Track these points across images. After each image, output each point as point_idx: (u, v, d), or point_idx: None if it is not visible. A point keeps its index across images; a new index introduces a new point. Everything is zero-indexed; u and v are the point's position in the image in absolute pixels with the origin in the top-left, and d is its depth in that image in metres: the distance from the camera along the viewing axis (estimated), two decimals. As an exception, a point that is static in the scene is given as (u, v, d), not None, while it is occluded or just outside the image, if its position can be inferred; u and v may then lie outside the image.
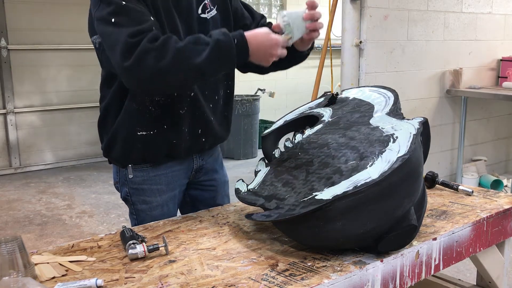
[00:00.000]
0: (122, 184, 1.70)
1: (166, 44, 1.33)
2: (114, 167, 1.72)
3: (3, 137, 5.35)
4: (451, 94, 4.17)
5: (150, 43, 1.33)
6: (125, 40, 1.33)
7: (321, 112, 1.77)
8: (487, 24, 4.36)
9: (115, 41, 1.36)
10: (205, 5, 1.61)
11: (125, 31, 1.34)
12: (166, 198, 1.70)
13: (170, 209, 1.72)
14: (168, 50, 1.33)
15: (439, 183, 1.90)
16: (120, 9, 1.37)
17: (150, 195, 1.68)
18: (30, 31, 5.34)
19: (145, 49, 1.32)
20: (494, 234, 1.64)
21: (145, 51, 1.32)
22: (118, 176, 1.71)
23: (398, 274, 1.34)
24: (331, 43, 3.60)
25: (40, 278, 1.22)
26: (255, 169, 1.67)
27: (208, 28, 1.59)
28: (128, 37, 1.33)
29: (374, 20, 3.52)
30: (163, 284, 1.18)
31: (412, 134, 1.38)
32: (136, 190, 1.68)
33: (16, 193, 4.71)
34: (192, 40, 1.37)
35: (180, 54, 1.33)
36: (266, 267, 1.26)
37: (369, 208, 1.23)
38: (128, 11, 1.37)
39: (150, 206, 1.68)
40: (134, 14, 1.38)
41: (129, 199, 1.70)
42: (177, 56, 1.33)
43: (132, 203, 1.70)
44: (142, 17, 1.38)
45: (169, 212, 1.72)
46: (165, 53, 1.33)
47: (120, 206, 4.28)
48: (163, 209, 1.70)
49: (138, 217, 1.71)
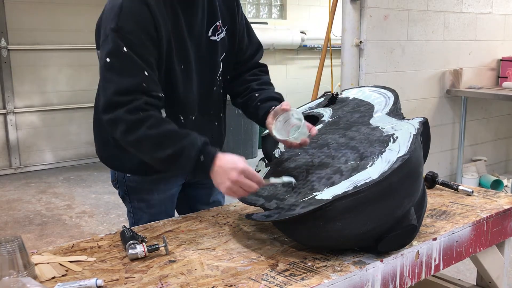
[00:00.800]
0: (120, 183, 1.70)
1: (139, 124, 1.35)
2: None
3: (3, 137, 5.35)
4: (451, 94, 4.17)
5: (128, 113, 1.34)
6: (109, 97, 1.36)
7: (321, 112, 1.77)
8: (487, 24, 4.36)
9: (104, 88, 1.39)
10: (216, 27, 1.59)
11: (113, 85, 1.36)
12: (164, 196, 1.70)
13: (167, 208, 1.72)
14: (138, 131, 1.35)
15: (439, 183, 1.90)
16: (119, 54, 1.36)
17: (147, 193, 1.68)
18: (30, 31, 5.34)
19: (120, 119, 1.35)
20: (494, 234, 1.64)
21: (120, 120, 1.35)
22: (115, 174, 1.71)
23: (398, 274, 1.34)
24: (331, 43, 3.60)
25: (40, 278, 1.22)
26: (255, 169, 1.67)
27: (217, 49, 1.59)
28: (113, 94, 1.36)
29: (374, 20, 3.52)
30: (163, 284, 1.18)
31: (412, 134, 1.38)
32: (133, 189, 1.68)
33: (16, 193, 4.71)
34: (165, 132, 1.36)
35: (145, 140, 1.36)
36: (266, 267, 1.26)
37: (369, 208, 1.23)
38: (125, 59, 1.37)
39: (148, 204, 1.68)
40: (130, 65, 1.37)
41: (127, 197, 1.70)
42: (141, 141, 1.36)
43: (129, 201, 1.70)
44: (137, 70, 1.37)
45: (167, 211, 1.72)
46: (134, 132, 1.35)
47: (120, 206, 4.28)
48: (160, 208, 1.70)
49: (135, 216, 1.71)
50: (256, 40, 1.77)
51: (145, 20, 1.39)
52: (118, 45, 1.36)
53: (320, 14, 7.08)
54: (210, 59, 1.60)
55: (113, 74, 1.37)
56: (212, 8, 1.58)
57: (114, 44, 1.36)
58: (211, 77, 1.62)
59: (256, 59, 1.77)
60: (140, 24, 1.38)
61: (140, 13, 1.38)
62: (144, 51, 1.39)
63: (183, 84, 1.53)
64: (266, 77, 1.75)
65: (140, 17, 1.38)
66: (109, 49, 1.36)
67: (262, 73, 1.75)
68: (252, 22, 4.75)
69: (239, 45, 1.69)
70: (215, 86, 1.64)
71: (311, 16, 7.20)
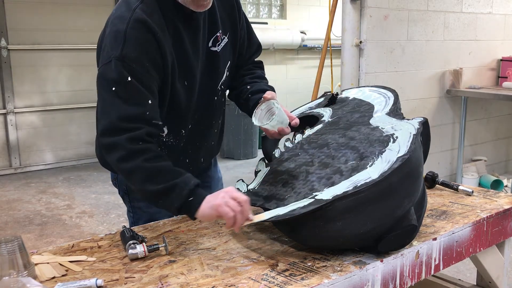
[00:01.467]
0: (120, 182, 1.71)
1: (137, 155, 1.34)
2: None
3: (3, 137, 5.35)
4: (451, 94, 4.17)
5: (128, 141, 1.34)
6: (112, 121, 1.36)
7: (321, 112, 1.77)
8: (487, 24, 4.36)
9: (105, 112, 1.38)
10: (216, 37, 1.58)
11: (117, 111, 1.36)
12: None
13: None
14: (134, 161, 1.34)
15: (439, 183, 1.90)
16: (124, 83, 1.36)
17: None
18: (30, 31, 5.34)
19: (120, 145, 1.34)
20: (494, 234, 1.64)
21: (119, 147, 1.34)
22: (116, 174, 1.71)
23: (398, 274, 1.34)
24: (331, 43, 3.60)
25: (40, 278, 1.22)
26: (255, 169, 1.67)
27: (218, 60, 1.60)
28: (117, 120, 1.35)
29: (374, 20, 3.52)
30: (163, 284, 1.18)
31: (412, 134, 1.38)
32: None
33: (16, 193, 4.71)
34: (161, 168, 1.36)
35: (139, 171, 1.35)
36: (266, 267, 1.26)
37: (369, 208, 1.23)
38: (131, 88, 1.36)
39: (147, 203, 1.67)
40: (135, 94, 1.37)
41: (127, 196, 1.70)
42: (136, 171, 1.35)
43: (129, 200, 1.70)
44: (141, 99, 1.38)
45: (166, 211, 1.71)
46: (131, 161, 1.34)
47: (120, 206, 4.28)
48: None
49: (134, 215, 1.71)
50: (255, 40, 1.77)
51: (150, 49, 1.39)
52: (122, 74, 1.35)
53: (320, 14, 7.08)
54: (211, 70, 1.60)
55: (118, 100, 1.37)
56: (212, 19, 1.57)
57: (119, 73, 1.36)
58: (212, 88, 1.63)
59: (253, 58, 1.78)
60: (145, 53, 1.38)
61: (145, 42, 1.38)
62: (148, 79, 1.39)
63: (186, 98, 1.54)
64: (260, 72, 1.76)
65: (145, 46, 1.38)
66: (114, 77, 1.36)
67: (256, 68, 1.77)
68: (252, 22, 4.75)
69: (240, 50, 1.70)
70: (216, 96, 1.65)
71: (311, 16, 7.20)
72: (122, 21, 1.38)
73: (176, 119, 1.55)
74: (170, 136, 1.58)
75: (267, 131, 1.53)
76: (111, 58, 1.36)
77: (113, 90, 1.36)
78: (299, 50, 7.08)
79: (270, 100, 1.48)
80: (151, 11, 1.40)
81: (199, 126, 1.64)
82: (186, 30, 1.49)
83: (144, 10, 1.39)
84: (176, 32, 1.46)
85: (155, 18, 1.40)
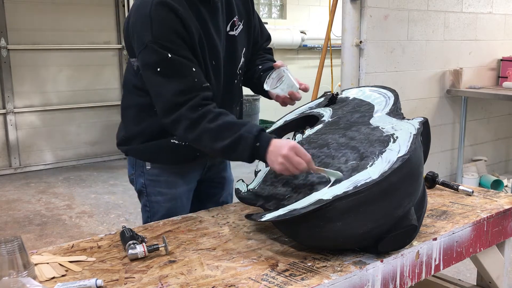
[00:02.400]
0: (138, 176, 1.73)
1: (200, 120, 1.45)
2: (130, 159, 1.75)
3: (3, 137, 5.35)
4: (451, 94, 4.17)
5: (189, 111, 1.45)
6: (169, 99, 1.47)
7: (321, 112, 1.77)
8: (487, 24, 4.36)
9: (160, 94, 1.50)
10: (233, 22, 1.67)
11: (170, 88, 1.46)
12: (181, 191, 1.73)
13: (183, 203, 1.75)
14: (199, 127, 1.45)
15: (439, 183, 1.90)
16: (166, 61, 1.46)
17: (166, 186, 1.71)
18: (30, 31, 5.33)
19: (183, 116, 1.46)
20: (494, 234, 1.64)
21: (181, 119, 1.46)
22: (134, 168, 1.73)
23: (398, 274, 1.34)
24: (331, 43, 3.59)
25: (40, 278, 1.22)
26: (255, 169, 1.67)
27: (236, 44, 1.68)
28: (173, 96, 1.46)
29: (374, 20, 3.52)
30: (163, 284, 1.18)
31: (412, 134, 1.38)
32: (152, 182, 1.71)
33: (16, 193, 4.71)
34: (225, 124, 1.46)
35: (206, 134, 1.45)
36: (266, 267, 1.26)
37: (369, 208, 1.23)
38: (173, 64, 1.47)
39: (165, 198, 1.71)
40: (179, 67, 1.47)
41: (144, 191, 1.73)
42: (203, 135, 1.46)
43: (147, 194, 1.73)
44: (186, 70, 1.48)
45: (182, 206, 1.75)
46: (195, 128, 1.46)
47: (120, 206, 4.28)
48: (176, 202, 1.72)
49: (151, 209, 1.73)
50: (266, 32, 1.89)
51: (175, 25, 1.47)
52: (161, 54, 1.45)
53: (320, 14, 7.08)
54: (232, 54, 1.68)
55: (166, 79, 1.47)
56: (229, 5, 1.66)
57: (158, 54, 1.45)
58: (232, 71, 1.70)
59: (263, 46, 1.88)
60: (173, 29, 1.46)
61: (170, 19, 1.46)
62: (184, 51, 1.48)
63: (215, 79, 1.62)
64: (270, 56, 1.85)
65: (170, 23, 1.46)
66: (155, 59, 1.46)
67: (266, 53, 1.86)
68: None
69: (256, 38, 1.80)
70: (235, 79, 1.73)
71: (311, 16, 7.20)
72: (145, 6, 1.47)
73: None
74: None
75: (279, 98, 1.61)
76: (145, 43, 1.46)
77: (158, 71, 1.46)
78: (299, 50, 7.08)
79: (280, 68, 1.58)
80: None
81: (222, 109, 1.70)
82: (208, 13, 1.57)
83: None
84: (199, 13, 1.55)
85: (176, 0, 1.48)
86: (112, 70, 5.90)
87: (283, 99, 1.62)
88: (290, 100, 1.62)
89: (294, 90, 1.58)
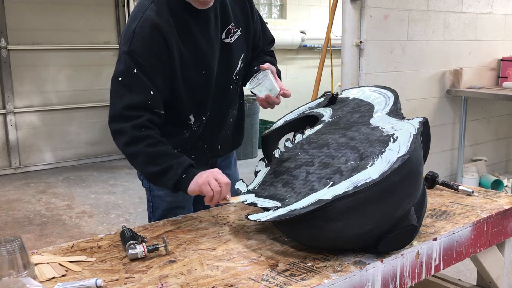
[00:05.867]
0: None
1: (140, 140, 1.51)
2: None
3: (3, 137, 5.35)
4: (451, 94, 4.17)
5: (133, 128, 1.51)
6: (118, 110, 1.53)
7: (321, 112, 1.77)
8: (487, 24, 4.36)
9: (113, 102, 1.55)
10: (229, 30, 1.70)
11: (123, 100, 1.52)
12: None
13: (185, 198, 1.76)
14: (137, 146, 1.51)
15: (439, 183, 1.90)
16: (130, 74, 1.52)
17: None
18: (30, 31, 5.33)
19: (125, 131, 1.51)
20: (494, 234, 1.64)
21: (125, 133, 1.51)
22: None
23: (398, 274, 1.34)
24: (331, 43, 3.59)
25: (40, 278, 1.22)
26: (255, 169, 1.67)
27: (231, 51, 1.71)
28: (122, 108, 1.52)
29: (374, 20, 3.52)
30: (163, 284, 1.18)
31: (412, 134, 1.38)
32: None
33: (16, 193, 4.71)
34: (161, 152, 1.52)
35: (141, 155, 1.52)
36: (266, 267, 1.26)
37: (369, 208, 1.23)
38: (135, 79, 1.52)
39: (167, 192, 1.72)
40: (139, 84, 1.52)
41: (148, 186, 1.81)
42: (139, 155, 1.53)
43: (150, 189, 1.81)
44: (144, 89, 1.53)
45: (184, 200, 1.78)
46: (134, 146, 1.51)
47: (120, 206, 4.28)
48: (178, 196, 1.72)
49: (154, 204, 1.80)
50: (269, 35, 1.91)
51: (156, 44, 1.53)
52: (129, 66, 1.52)
53: (320, 14, 7.08)
54: (227, 61, 1.71)
55: (123, 91, 1.53)
56: (224, 12, 1.68)
57: (126, 66, 1.52)
58: (227, 77, 1.73)
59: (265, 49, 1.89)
60: (150, 48, 1.52)
61: (151, 38, 1.52)
62: (152, 72, 1.53)
63: (205, 85, 1.66)
64: (269, 58, 1.87)
65: (151, 42, 1.52)
66: (122, 69, 1.53)
67: (266, 55, 1.88)
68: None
69: (256, 43, 1.82)
70: (231, 85, 1.75)
71: (311, 16, 7.20)
72: (134, 21, 1.54)
73: (198, 106, 1.68)
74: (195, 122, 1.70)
75: (258, 99, 1.66)
76: (121, 54, 1.54)
77: (119, 80, 1.53)
78: (299, 50, 7.08)
79: (267, 70, 1.62)
80: (160, 10, 1.54)
81: (216, 113, 1.74)
82: (196, 24, 1.61)
83: (154, 10, 1.53)
84: (185, 26, 1.59)
85: (163, 16, 1.54)
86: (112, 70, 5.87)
87: (261, 101, 1.65)
88: (266, 103, 1.64)
89: (272, 94, 1.61)
